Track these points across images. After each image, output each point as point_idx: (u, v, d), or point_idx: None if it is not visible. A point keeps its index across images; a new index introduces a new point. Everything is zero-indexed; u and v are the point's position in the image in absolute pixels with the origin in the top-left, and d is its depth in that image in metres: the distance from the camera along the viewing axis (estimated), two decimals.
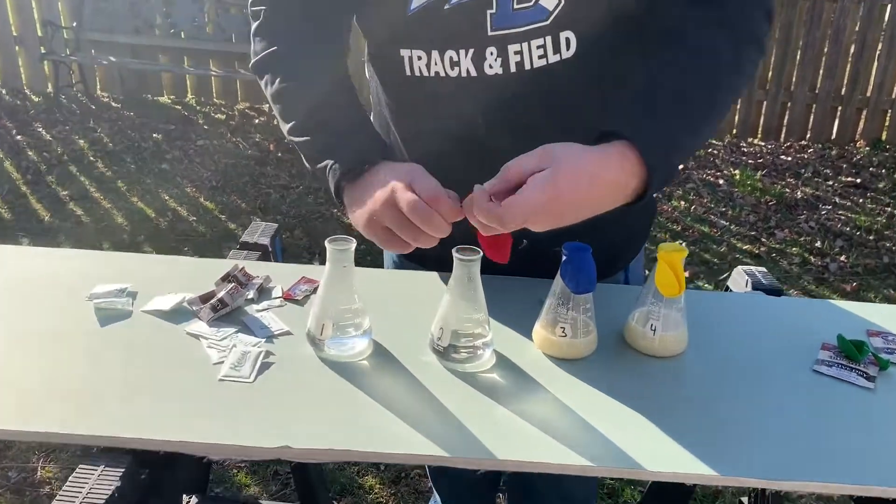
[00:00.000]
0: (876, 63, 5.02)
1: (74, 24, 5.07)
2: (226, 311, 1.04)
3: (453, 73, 1.00)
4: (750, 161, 4.65)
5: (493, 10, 0.94)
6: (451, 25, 0.96)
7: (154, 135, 4.52)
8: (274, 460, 1.95)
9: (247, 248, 1.28)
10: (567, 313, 0.98)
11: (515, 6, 0.93)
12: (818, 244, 3.58)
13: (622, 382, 0.95)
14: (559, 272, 0.97)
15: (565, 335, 0.98)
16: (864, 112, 5.12)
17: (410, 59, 1.01)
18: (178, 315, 1.04)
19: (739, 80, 0.95)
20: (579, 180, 0.81)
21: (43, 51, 5.11)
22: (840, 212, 3.97)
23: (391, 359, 0.97)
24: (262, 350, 0.96)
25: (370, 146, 0.98)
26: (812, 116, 5.15)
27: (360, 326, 0.97)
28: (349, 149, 0.97)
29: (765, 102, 5.13)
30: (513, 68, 0.98)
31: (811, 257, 3.47)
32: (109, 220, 3.47)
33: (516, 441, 0.83)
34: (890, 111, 5.11)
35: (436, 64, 1.00)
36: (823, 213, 3.94)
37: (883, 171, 4.60)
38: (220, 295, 1.04)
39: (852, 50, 5.00)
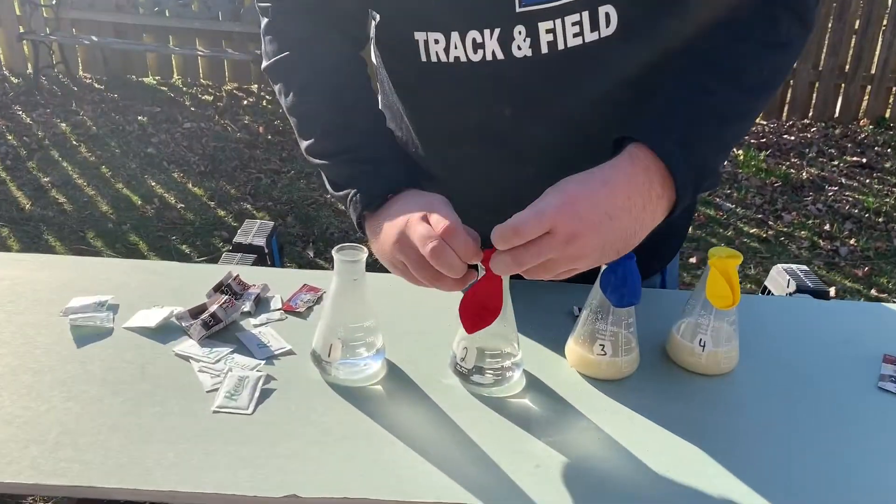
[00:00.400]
0: (881, 39, 4.90)
1: (54, 2, 4.87)
2: (219, 327, 0.92)
3: (476, 57, 0.87)
4: (753, 141, 4.54)
5: None
6: (473, 2, 0.84)
7: (139, 117, 4.36)
8: None
9: (241, 251, 1.16)
10: (606, 328, 0.86)
11: None
12: (827, 227, 3.49)
13: (670, 408, 0.84)
14: (598, 282, 0.86)
15: (604, 353, 0.87)
16: (868, 89, 5.01)
17: (426, 42, 0.89)
18: (165, 332, 0.92)
19: (776, 60, 0.83)
20: (589, 183, 0.73)
21: (21, 30, 4.91)
22: (847, 193, 3.88)
23: (408, 383, 0.86)
24: (262, 375, 0.85)
25: (393, 174, 0.86)
26: (815, 94, 5.04)
27: (373, 346, 0.85)
28: (371, 179, 0.86)
29: None
30: (544, 49, 0.86)
31: (820, 241, 3.37)
32: (93, 208, 3.33)
33: (559, 484, 0.72)
34: (895, 88, 5.00)
35: (456, 48, 0.88)
36: (830, 194, 3.84)
37: (889, 150, 4.50)
38: (212, 309, 0.92)
39: (857, 25, 4.88)
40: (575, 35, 0.85)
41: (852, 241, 3.37)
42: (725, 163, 4.14)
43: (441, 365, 0.87)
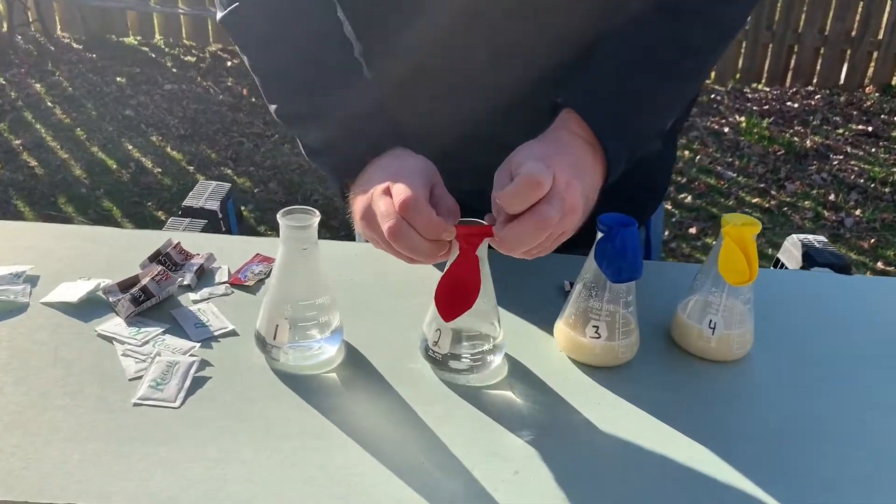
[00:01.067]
0: (889, 3, 4.72)
1: None
2: (151, 303, 0.79)
3: None
4: (755, 108, 4.38)
5: None
6: None
7: (118, 78, 4.18)
8: None
9: (189, 216, 1.02)
10: (601, 307, 0.74)
11: None
12: (832, 197, 3.36)
13: (674, 398, 0.72)
14: (592, 253, 0.73)
15: (599, 336, 0.74)
16: (875, 55, 4.84)
17: None
18: (89, 309, 0.79)
19: (727, 13, 0.78)
20: (545, 142, 0.70)
21: None
22: (852, 162, 3.74)
23: (368, 370, 0.73)
24: (196, 360, 0.72)
25: (372, 134, 0.75)
26: (820, 60, 4.87)
27: (328, 326, 0.73)
28: (348, 143, 0.75)
29: (771, 45, 4.84)
30: None
31: (825, 211, 3.24)
32: (66, 172, 3.18)
33: (542, 493, 0.60)
34: None
35: None
36: (835, 163, 3.70)
37: (895, 118, 4.35)
38: (143, 282, 0.79)
39: None
40: None
41: (858, 212, 3.25)
42: (727, 129, 3.99)
43: (409, 349, 0.75)
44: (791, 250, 1.10)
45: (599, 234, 0.72)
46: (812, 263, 1.03)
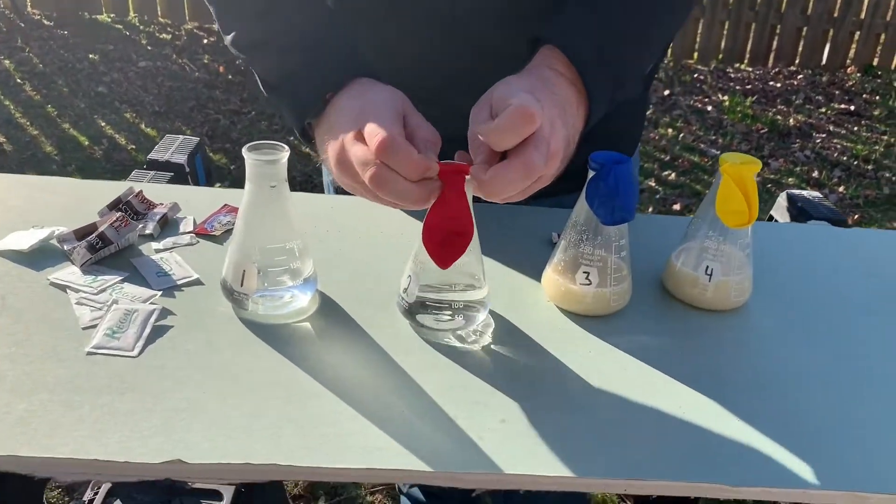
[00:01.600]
0: None
1: None
2: (109, 251, 0.73)
3: None
4: (738, 87, 4.36)
5: None
6: None
7: (90, 55, 4.06)
8: None
9: (154, 168, 0.96)
10: (592, 252, 0.69)
11: None
12: (815, 174, 3.35)
13: (668, 348, 0.68)
14: (583, 195, 0.68)
15: (589, 283, 0.70)
16: (857, 35, 4.83)
17: None
18: (42, 257, 0.74)
19: None
20: (530, 78, 0.65)
21: None
22: (835, 140, 3.73)
23: (344, 320, 0.68)
24: (157, 308, 0.67)
25: (333, 64, 0.68)
26: (802, 40, 4.85)
27: (300, 273, 0.68)
28: (306, 75, 0.68)
29: (753, 25, 4.82)
30: None
31: (809, 188, 3.23)
32: (36, 149, 3.08)
33: (530, 441, 0.56)
34: (884, 35, 4.83)
35: None
36: (818, 141, 3.69)
37: (877, 97, 4.35)
38: (101, 229, 0.73)
39: None
40: None
41: (841, 189, 3.24)
42: (710, 108, 3.97)
43: (388, 301, 0.70)
44: (783, 206, 1.06)
45: (591, 173, 0.67)
46: (808, 218, 0.99)
